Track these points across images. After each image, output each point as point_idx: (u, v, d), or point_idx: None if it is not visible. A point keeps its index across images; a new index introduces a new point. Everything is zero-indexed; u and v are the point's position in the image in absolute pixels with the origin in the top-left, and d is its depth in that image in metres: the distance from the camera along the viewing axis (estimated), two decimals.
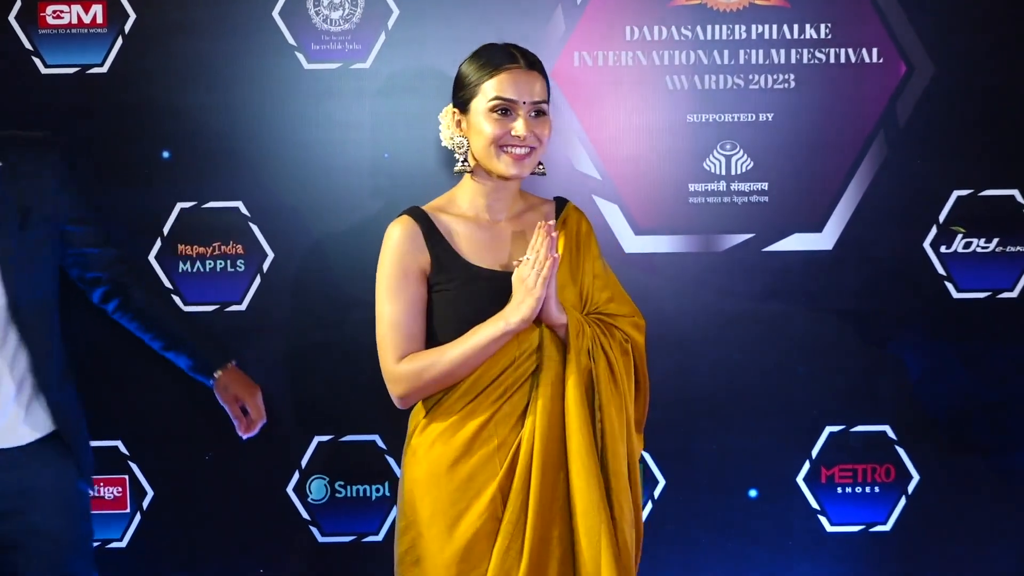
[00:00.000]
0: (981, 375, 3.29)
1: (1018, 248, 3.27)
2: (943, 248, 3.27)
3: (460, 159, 2.59)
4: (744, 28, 3.21)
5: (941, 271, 3.27)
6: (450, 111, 2.61)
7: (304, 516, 3.27)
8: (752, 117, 3.23)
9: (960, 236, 3.26)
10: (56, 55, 3.16)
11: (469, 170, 2.59)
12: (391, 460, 3.24)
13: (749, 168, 3.23)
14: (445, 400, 2.52)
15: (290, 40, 3.18)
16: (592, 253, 2.64)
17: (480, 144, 2.54)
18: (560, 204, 2.69)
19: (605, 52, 3.21)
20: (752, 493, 3.30)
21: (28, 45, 3.15)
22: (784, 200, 3.24)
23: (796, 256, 3.25)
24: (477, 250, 2.57)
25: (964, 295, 3.28)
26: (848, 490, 3.31)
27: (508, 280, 2.49)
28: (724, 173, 3.24)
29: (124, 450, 3.22)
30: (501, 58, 2.53)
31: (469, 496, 2.48)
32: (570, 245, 2.62)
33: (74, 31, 3.15)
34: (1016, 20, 3.22)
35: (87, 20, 3.15)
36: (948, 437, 3.30)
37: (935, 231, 3.26)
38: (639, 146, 3.22)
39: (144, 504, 3.24)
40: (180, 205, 3.19)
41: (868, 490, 3.31)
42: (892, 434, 3.30)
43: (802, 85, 3.22)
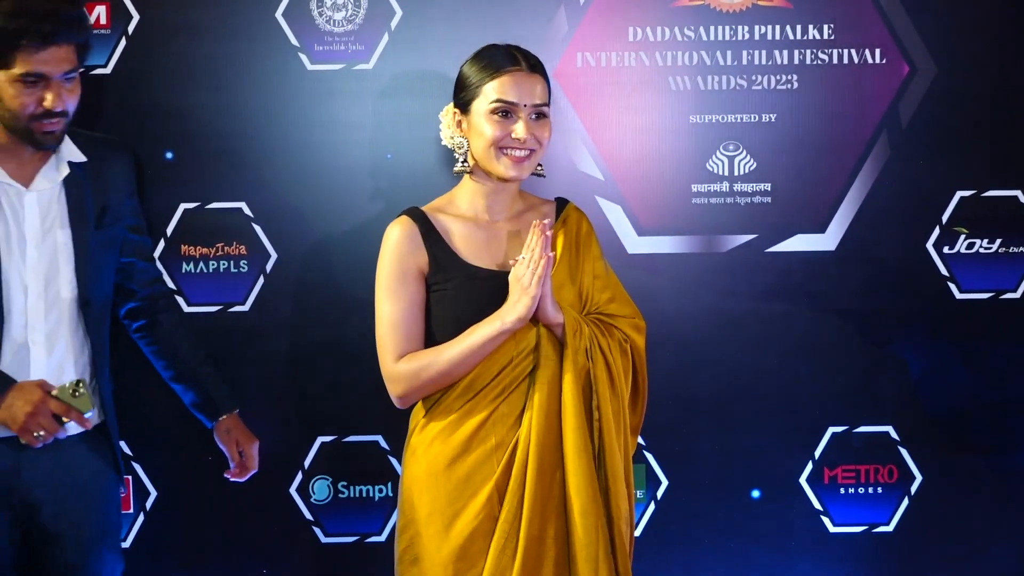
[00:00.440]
0: (984, 376, 3.29)
1: (1021, 249, 3.27)
2: (946, 249, 3.26)
3: (460, 159, 2.59)
4: (747, 29, 3.21)
5: (944, 272, 3.27)
6: (451, 111, 2.61)
7: (307, 516, 3.28)
8: (755, 118, 3.22)
9: (963, 237, 3.26)
10: None
11: (468, 170, 2.59)
12: (394, 460, 3.24)
13: (752, 169, 3.23)
14: (444, 399, 2.53)
15: (293, 41, 3.18)
16: (592, 253, 2.64)
17: (480, 145, 2.54)
18: (561, 204, 2.69)
19: (608, 53, 3.21)
20: (755, 493, 3.30)
21: None
22: (787, 201, 3.24)
23: (799, 257, 3.25)
24: (475, 250, 2.57)
25: (967, 296, 3.28)
26: (851, 491, 3.31)
27: (506, 280, 2.49)
28: (727, 174, 3.23)
29: (128, 451, 3.22)
30: (503, 60, 2.54)
31: (466, 495, 2.49)
32: (570, 245, 2.62)
33: None
34: (1018, 21, 3.21)
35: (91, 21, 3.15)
36: (951, 438, 3.30)
37: (938, 232, 3.26)
38: (642, 147, 3.22)
39: (147, 505, 3.24)
40: (183, 206, 3.19)
41: (871, 491, 3.31)
42: (895, 435, 3.30)
43: (805, 86, 3.21)
